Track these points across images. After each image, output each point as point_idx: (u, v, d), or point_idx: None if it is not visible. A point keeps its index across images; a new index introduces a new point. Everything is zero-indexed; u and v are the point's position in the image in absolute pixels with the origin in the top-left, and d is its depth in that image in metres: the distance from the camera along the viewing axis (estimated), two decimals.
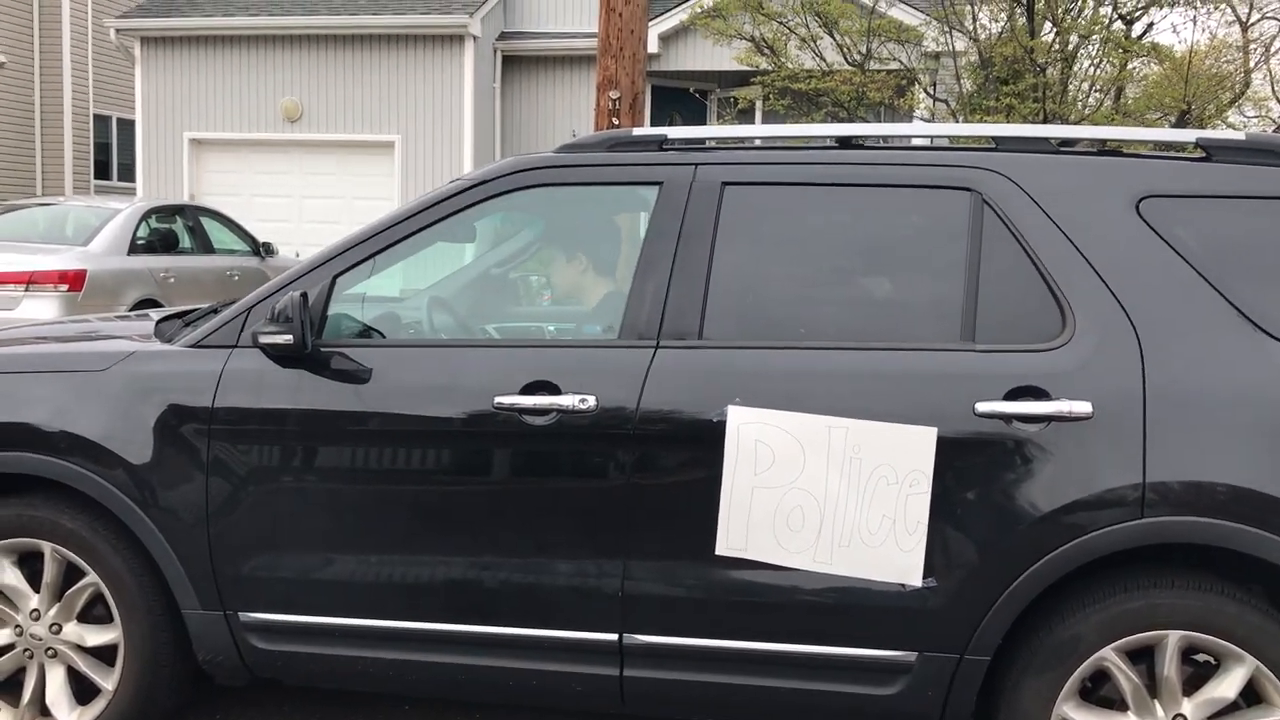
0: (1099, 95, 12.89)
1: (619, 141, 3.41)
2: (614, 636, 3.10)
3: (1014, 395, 2.90)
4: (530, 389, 3.12)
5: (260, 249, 12.40)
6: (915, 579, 2.92)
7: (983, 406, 2.90)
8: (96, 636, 3.40)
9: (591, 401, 3.08)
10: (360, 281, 3.45)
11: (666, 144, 3.36)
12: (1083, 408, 2.86)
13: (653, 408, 3.06)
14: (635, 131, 3.43)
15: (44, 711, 3.45)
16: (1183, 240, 2.99)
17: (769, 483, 2.97)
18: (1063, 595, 2.93)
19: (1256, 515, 2.77)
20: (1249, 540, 2.78)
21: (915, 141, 3.83)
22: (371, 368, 3.25)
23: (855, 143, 3.43)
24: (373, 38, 15.88)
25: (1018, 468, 2.89)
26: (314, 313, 3.26)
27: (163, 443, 3.28)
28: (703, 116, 16.59)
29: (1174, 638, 2.84)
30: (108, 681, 3.39)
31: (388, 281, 3.66)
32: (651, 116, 15.25)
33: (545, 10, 16.94)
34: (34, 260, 9.41)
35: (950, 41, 12.49)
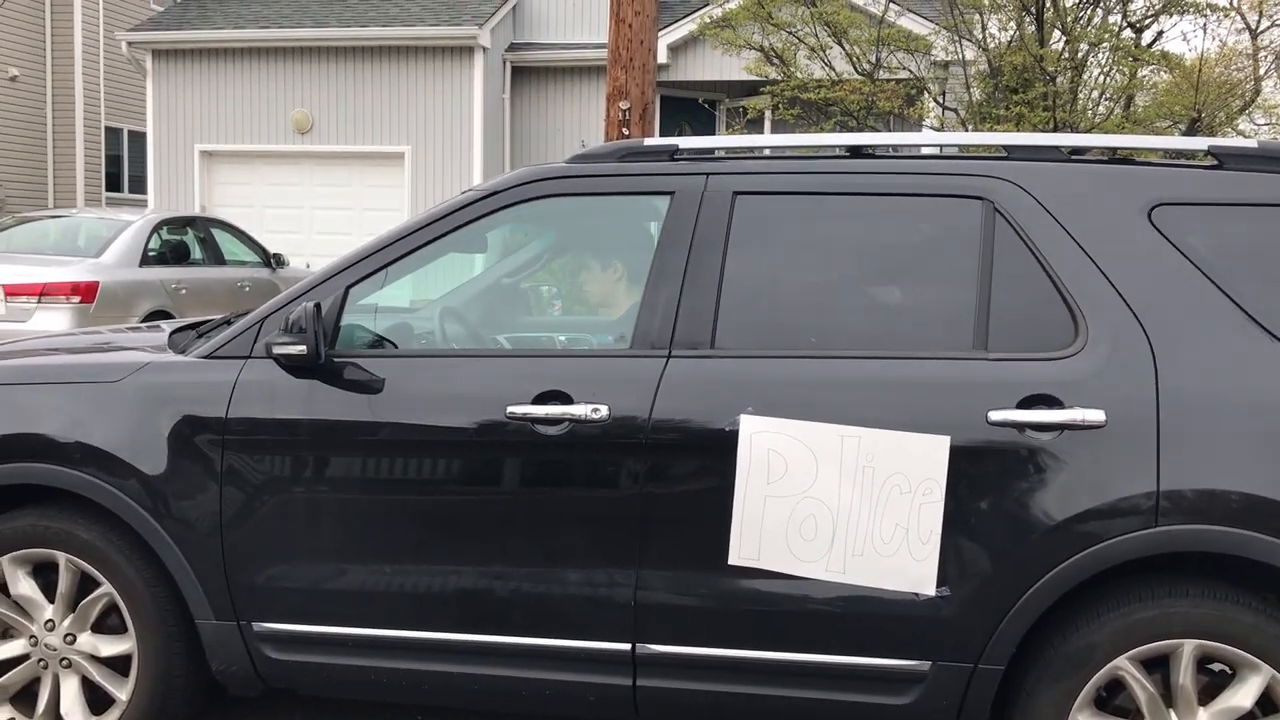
0: (1109, 103, 12.87)
1: (630, 152, 3.42)
2: (627, 646, 3.10)
3: (1027, 404, 2.90)
4: (542, 399, 3.12)
5: (271, 260, 12.44)
6: (929, 588, 2.91)
7: (996, 415, 2.90)
8: (110, 647, 3.41)
9: (604, 411, 3.08)
10: (372, 292, 3.47)
11: (678, 154, 3.37)
12: (1096, 416, 2.86)
13: (665, 417, 3.06)
14: (646, 142, 3.44)
15: None
16: (1195, 248, 2.99)
17: (782, 492, 2.96)
18: (1077, 604, 2.92)
19: (1271, 523, 2.76)
20: (1263, 548, 2.77)
21: (926, 150, 3.84)
22: (384, 378, 3.26)
23: (866, 152, 3.43)
24: (382, 49, 15.95)
25: (1031, 476, 2.88)
26: (327, 323, 3.27)
27: (176, 453, 3.29)
28: (712, 126, 16.61)
29: (1189, 647, 2.83)
30: (122, 692, 3.40)
31: (399, 292, 3.68)
32: (661, 127, 15.26)
33: (554, 21, 16.99)
34: (46, 272, 9.45)
35: (960, 50, 12.48)
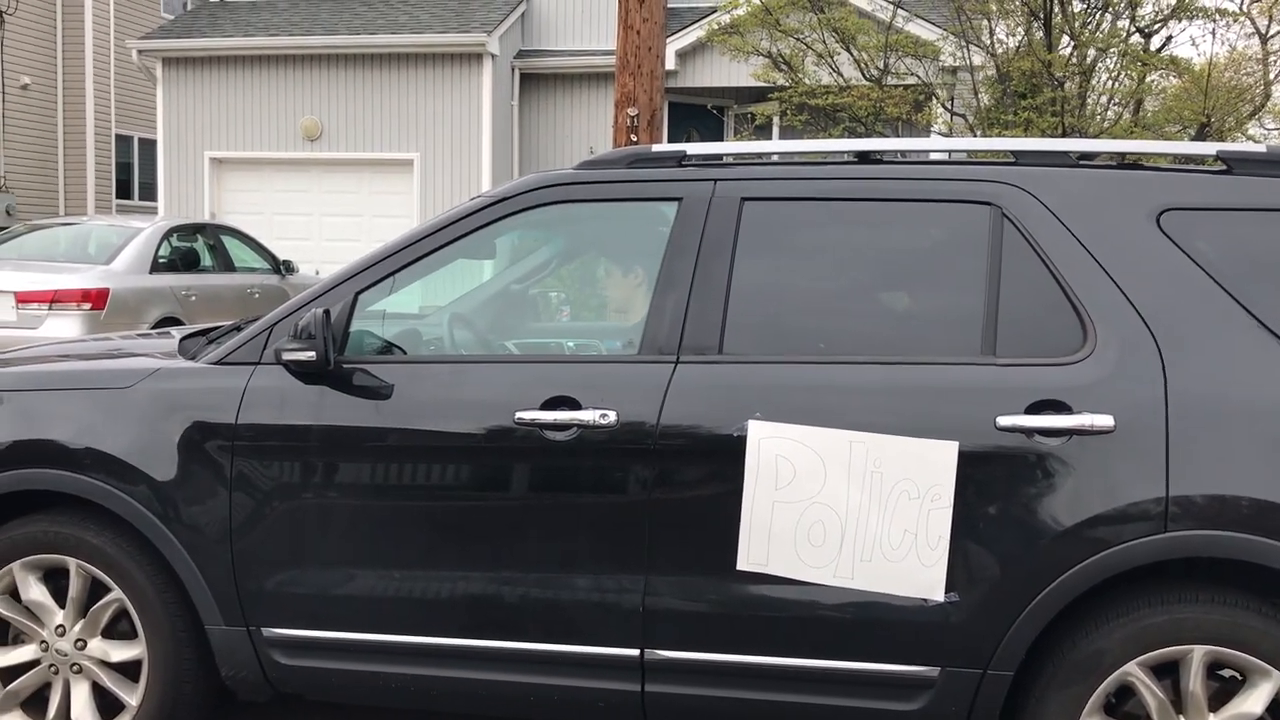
0: (1118, 109, 12.86)
1: (639, 158, 3.42)
2: (635, 652, 3.10)
3: (1035, 409, 2.89)
4: (551, 404, 3.12)
5: (280, 267, 12.48)
6: (938, 594, 2.91)
7: (1004, 420, 2.89)
8: (121, 652, 3.42)
9: (612, 416, 3.08)
10: (381, 298, 3.47)
11: (686, 160, 3.37)
12: (1105, 421, 2.85)
13: (673, 423, 3.06)
14: (655, 148, 3.44)
15: None
16: (1204, 253, 2.98)
17: (790, 497, 2.96)
18: (1086, 610, 2.91)
19: None
20: (1273, 553, 2.76)
21: (934, 156, 3.83)
22: (393, 384, 3.26)
23: (874, 158, 3.43)
24: (391, 57, 15.99)
25: (1039, 482, 2.88)
26: (336, 329, 3.28)
27: (186, 459, 3.30)
28: (720, 133, 16.62)
29: (1199, 653, 2.82)
30: (132, 697, 3.41)
31: (408, 298, 3.69)
32: (669, 133, 15.28)
33: (563, 28, 17.01)
34: (57, 279, 9.51)
35: (968, 56, 12.48)
